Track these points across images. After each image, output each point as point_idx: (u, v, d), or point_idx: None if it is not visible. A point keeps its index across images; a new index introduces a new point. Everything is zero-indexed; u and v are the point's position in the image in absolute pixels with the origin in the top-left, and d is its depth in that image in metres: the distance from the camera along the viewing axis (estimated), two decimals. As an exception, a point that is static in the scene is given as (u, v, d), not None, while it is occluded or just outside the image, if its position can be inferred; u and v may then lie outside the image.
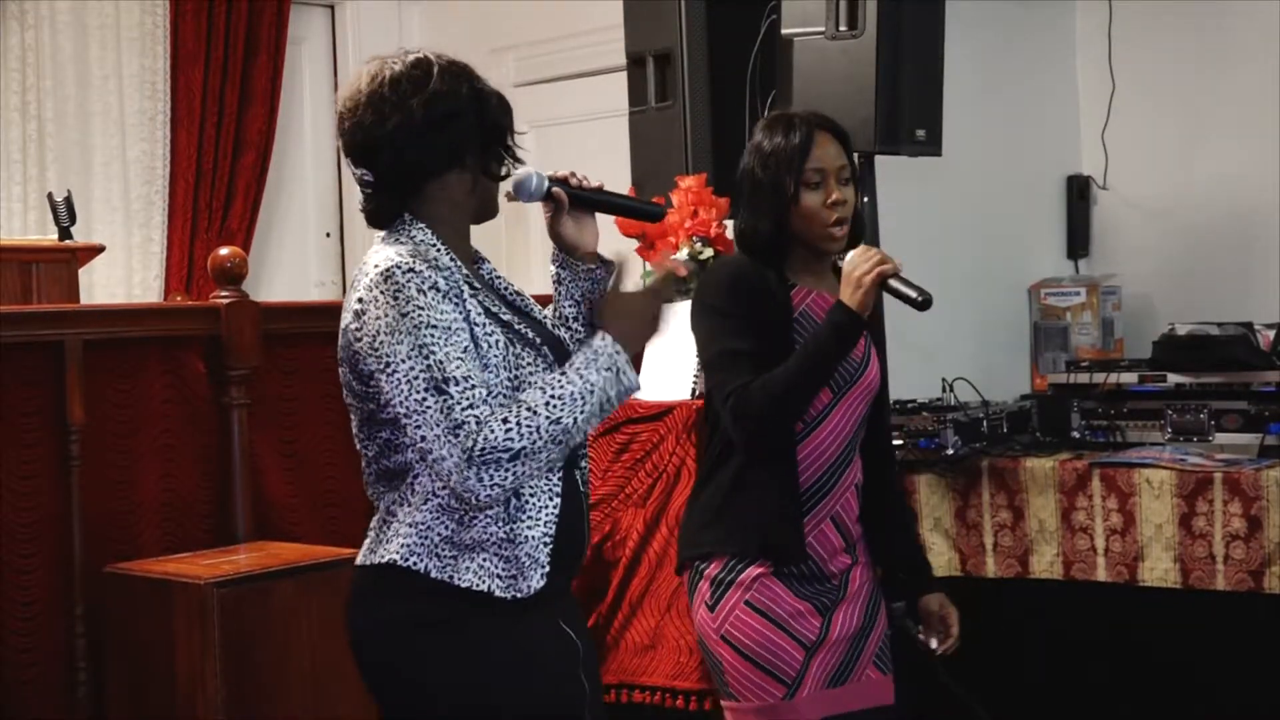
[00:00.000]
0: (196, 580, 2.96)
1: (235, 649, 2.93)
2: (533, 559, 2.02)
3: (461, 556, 2.03)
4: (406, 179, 2.10)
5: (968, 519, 4.12)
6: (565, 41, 5.86)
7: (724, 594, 2.58)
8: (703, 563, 2.62)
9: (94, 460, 3.25)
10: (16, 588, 3.13)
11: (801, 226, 2.63)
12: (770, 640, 2.57)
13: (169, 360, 3.42)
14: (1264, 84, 4.74)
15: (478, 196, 2.15)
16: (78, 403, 3.20)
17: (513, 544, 2.02)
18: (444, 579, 2.03)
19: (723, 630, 2.58)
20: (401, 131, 2.07)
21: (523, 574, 2.02)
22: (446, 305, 1.98)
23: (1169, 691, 3.86)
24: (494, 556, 2.02)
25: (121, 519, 3.32)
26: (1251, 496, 3.66)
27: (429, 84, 2.07)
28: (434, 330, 1.96)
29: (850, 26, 3.54)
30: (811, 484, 2.63)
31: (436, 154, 2.09)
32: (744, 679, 2.57)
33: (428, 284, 1.98)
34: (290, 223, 6.36)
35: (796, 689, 2.56)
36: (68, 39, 5.58)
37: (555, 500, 2.05)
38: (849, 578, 2.68)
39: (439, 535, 2.04)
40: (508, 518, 2.02)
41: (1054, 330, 4.93)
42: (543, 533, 2.04)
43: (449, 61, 2.11)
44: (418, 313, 1.96)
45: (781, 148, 2.63)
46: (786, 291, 2.64)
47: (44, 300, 4.21)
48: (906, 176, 4.02)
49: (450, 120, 2.08)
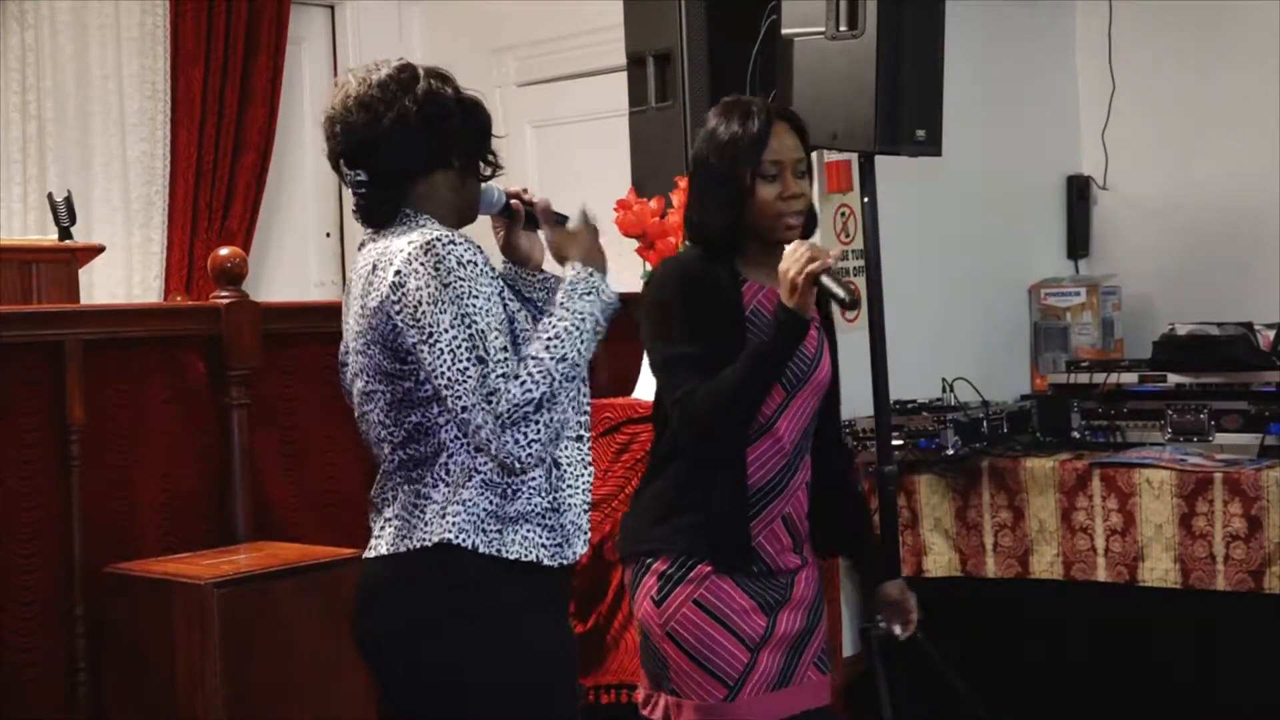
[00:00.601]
0: (196, 580, 2.96)
1: (235, 649, 2.93)
2: (576, 525, 2.13)
3: (506, 530, 2.08)
4: (400, 176, 2.16)
5: (968, 519, 4.13)
6: (565, 41, 5.86)
7: (672, 590, 2.54)
8: (649, 558, 2.57)
9: (94, 460, 3.24)
10: (16, 588, 3.13)
11: (756, 219, 2.56)
12: (715, 640, 2.53)
13: (169, 360, 3.42)
14: (1264, 84, 4.74)
15: (463, 197, 2.22)
16: (78, 403, 3.19)
17: (557, 513, 2.11)
18: (492, 553, 2.07)
19: (668, 627, 2.54)
20: (397, 128, 2.13)
21: (568, 541, 2.12)
22: (485, 278, 2.05)
23: (1169, 691, 3.86)
24: (538, 527, 2.10)
25: (121, 519, 3.32)
26: (1252, 497, 3.66)
27: (418, 85, 2.15)
28: (476, 300, 2.02)
29: (850, 26, 3.54)
30: (765, 483, 2.58)
31: (428, 152, 2.16)
32: (687, 677, 2.54)
33: (467, 256, 2.05)
34: (290, 223, 6.35)
35: (738, 690, 2.53)
36: (68, 39, 5.57)
37: (589, 469, 2.16)
38: (795, 580, 2.64)
39: (484, 510, 2.08)
40: (550, 487, 2.11)
41: (1054, 330, 4.93)
42: (583, 500, 2.15)
43: (431, 67, 2.21)
44: (459, 283, 2.02)
45: (738, 136, 2.55)
46: (737, 288, 2.57)
47: (44, 300, 4.21)
48: (906, 176, 4.02)
49: (441, 119, 2.15)
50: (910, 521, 4.19)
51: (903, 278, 4.19)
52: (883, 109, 3.50)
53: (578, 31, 5.73)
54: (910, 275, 4.38)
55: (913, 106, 3.56)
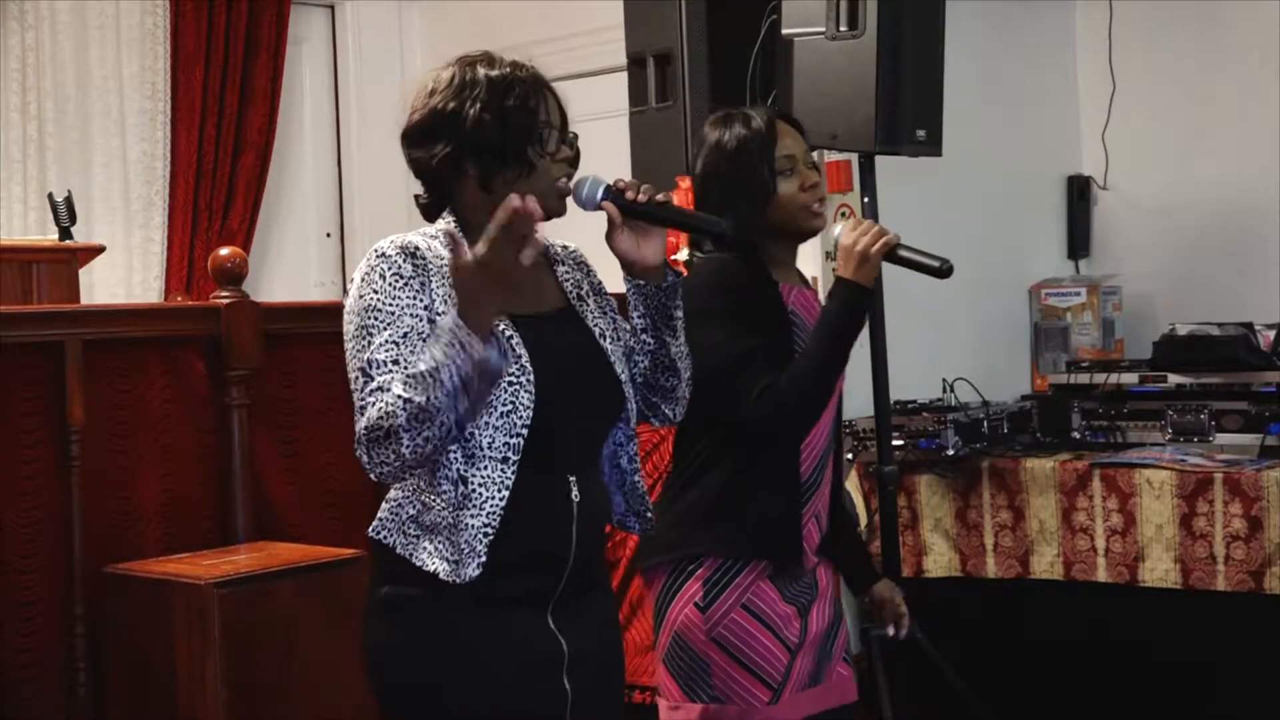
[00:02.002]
0: (196, 580, 2.96)
1: (235, 649, 2.93)
2: (470, 548, 2.02)
3: (422, 537, 2.07)
4: (419, 177, 2.19)
5: (968, 519, 4.13)
6: (565, 41, 5.85)
7: (719, 595, 2.55)
8: (691, 564, 2.57)
9: (94, 460, 3.24)
10: (16, 588, 3.12)
11: (780, 216, 2.59)
12: (760, 643, 2.55)
13: (169, 360, 3.42)
14: (1264, 84, 4.74)
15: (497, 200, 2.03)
16: (78, 403, 3.19)
17: (456, 530, 2.03)
18: (406, 555, 2.07)
19: (715, 631, 2.54)
20: (405, 136, 2.17)
21: (462, 561, 2.02)
22: (403, 292, 2.03)
23: (1169, 691, 3.86)
24: (445, 540, 2.05)
25: (121, 519, 3.31)
26: (1252, 497, 3.66)
27: (433, 96, 2.14)
28: (378, 313, 2.02)
29: (850, 26, 3.54)
30: (808, 477, 2.62)
31: (427, 160, 2.14)
32: (732, 681, 2.54)
33: (390, 270, 2.04)
34: (290, 223, 6.36)
35: (781, 692, 2.55)
36: (68, 39, 5.58)
37: (503, 494, 2.03)
38: (817, 575, 2.68)
39: (407, 514, 2.09)
40: (455, 504, 2.04)
41: (1054, 330, 4.93)
42: (483, 523, 2.03)
43: (468, 77, 2.14)
44: (371, 295, 2.03)
45: (747, 139, 2.58)
46: (775, 288, 2.61)
47: (44, 300, 4.21)
48: (906, 176, 4.02)
49: (435, 131, 2.13)
50: (910, 521, 4.19)
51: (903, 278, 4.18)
52: (883, 109, 3.50)
53: (578, 31, 5.73)
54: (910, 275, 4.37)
55: (913, 106, 3.56)
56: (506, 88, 2.13)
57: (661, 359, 2.25)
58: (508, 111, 2.12)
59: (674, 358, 2.25)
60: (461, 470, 2.03)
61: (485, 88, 2.13)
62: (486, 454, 2.03)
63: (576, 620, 2.15)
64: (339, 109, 6.57)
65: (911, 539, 4.18)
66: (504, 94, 2.13)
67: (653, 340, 2.23)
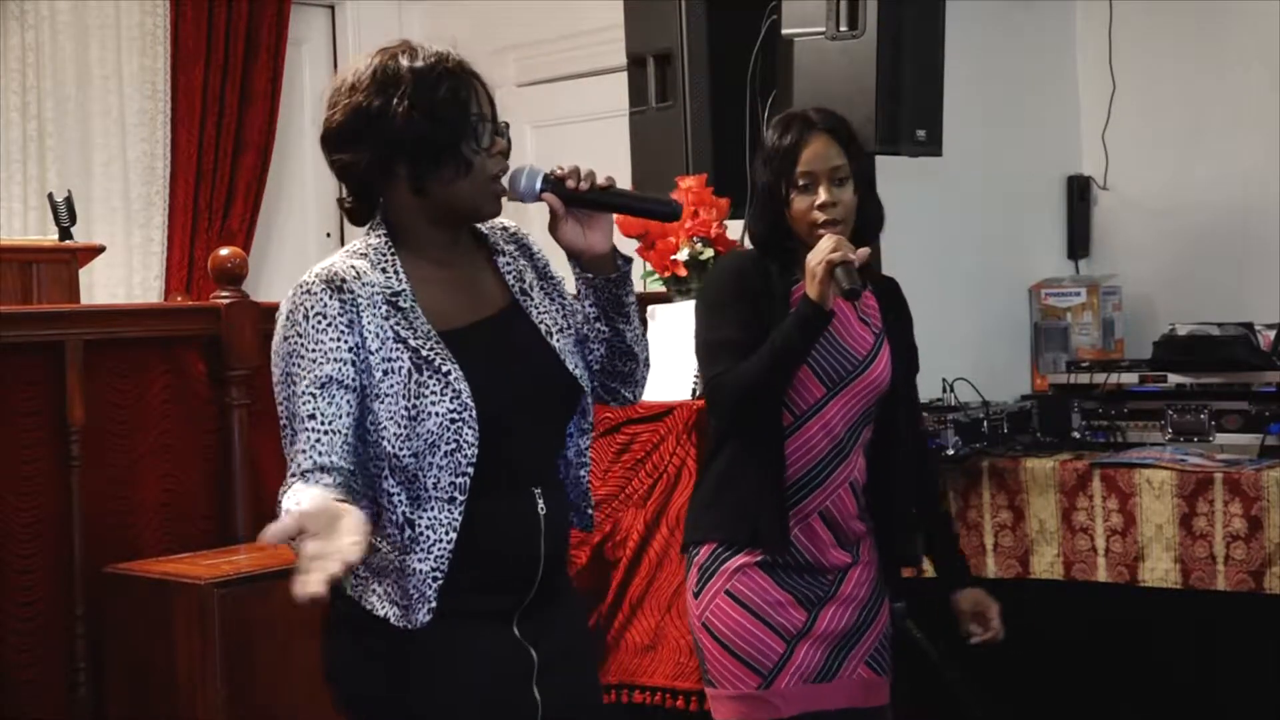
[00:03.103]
0: (196, 580, 2.96)
1: (235, 649, 2.93)
2: (419, 593, 1.93)
3: (371, 579, 1.98)
4: (343, 182, 2.05)
5: (968, 519, 4.12)
6: (565, 41, 5.86)
7: (707, 582, 2.63)
8: (695, 549, 2.67)
9: (94, 460, 3.24)
10: (16, 588, 3.13)
11: (794, 227, 2.68)
12: (748, 630, 2.60)
13: (169, 360, 3.42)
14: (1264, 84, 4.74)
15: (430, 204, 2.00)
16: (78, 403, 3.19)
17: (403, 575, 1.94)
18: (355, 598, 1.99)
19: (704, 618, 2.63)
20: (325, 139, 2.02)
21: (411, 606, 1.94)
22: (327, 334, 1.91)
23: (1169, 691, 3.86)
24: (394, 585, 1.96)
25: (121, 519, 3.32)
26: (1252, 497, 3.66)
27: (354, 94, 1.98)
28: (301, 361, 1.92)
29: (850, 26, 3.54)
30: (799, 477, 2.64)
31: (353, 164, 1.99)
32: (722, 667, 2.62)
33: (314, 310, 1.93)
34: (290, 223, 6.36)
35: (773, 679, 2.59)
36: (68, 39, 5.58)
37: (451, 535, 1.93)
38: (845, 577, 2.69)
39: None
40: (402, 548, 1.94)
41: (1054, 330, 4.93)
42: (432, 568, 1.93)
43: (390, 71, 1.97)
44: (296, 339, 1.93)
45: (777, 149, 2.67)
46: (788, 287, 2.66)
47: (44, 300, 4.21)
48: (906, 176, 4.02)
49: (359, 132, 1.97)
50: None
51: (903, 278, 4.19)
52: (883, 109, 3.50)
53: (578, 31, 5.74)
54: (910, 275, 4.37)
55: (913, 106, 3.56)
56: (433, 80, 1.96)
57: (617, 345, 2.14)
58: (436, 105, 1.95)
59: (630, 343, 2.15)
60: (407, 513, 1.94)
61: (411, 82, 1.95)
62: (432, 495, 1.93)
63: (543, 628, 2.07)
64: (339, 109, 6.56)
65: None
66: (432, 87, 1.96)
67: (606, 328, 2.12)
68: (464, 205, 2.02)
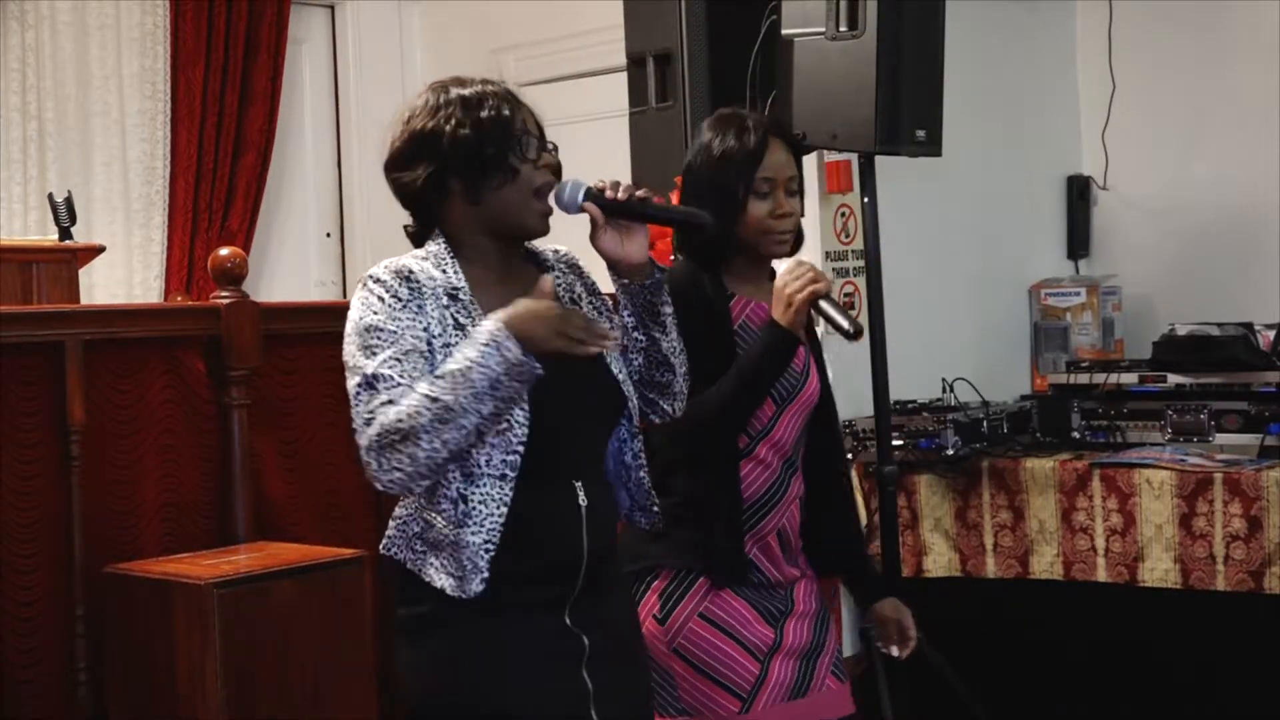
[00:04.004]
0: (196, 580, 2.96)
1: (235, 649, 2.93)
2: (473, 564, 2.07)
3: (429, 553, 2.12)
4: (405, 204, 2.25)
5: (968, 519, 4.13)
6: (565, 41, 5.86)
7: (676, 605, 2.53)
8: (650, 576, 2.56)
9: (94, 460, 3.24)
10: (16, 588, 3.12)
11: (745, 234, 2.57)
12: (724, 653, 2.52)
13: (169, 360, 3.42)
14: (1264, 84, 4.75)
15: (483, 214, 2.19)
16: (78, 403, 3.19)
17: (457, 548, 2.08)
18: (415, 571, 2.13)
19: (675, 643, 2.52)
20: (387, 165, 2.23)
21: (466, 577, 2.08)
22: (402, 313, 2.09)
23: (1169, 691, 3.86)
24: (449, 557, 2.10)
25: (121, 519, 3.31)
26: (1251, 497, 3.66)
27: (410, 122, 2.20)
28: (380, 333, 2.07)
29: (850, 26, 3.54)
30: (758, 497, 2.58)
31: (412, 183, 2.20)
32: (698, 692, 2.51)
33: (389, 292, 2.10)
34: (290, 223, 6.36)
35: (752, 702, 2.51)
36: (68, 39, 5.58)
37: (502, 510, 2.08)
38: (794, 593, 2.63)
39: (413, 531, 2.15)
40: (456, 522, 2.08)
41: (1054, 330, 4.93)
42: (484, 540, 2.08)
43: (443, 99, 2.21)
44: (371, 316, 2.09)
45: (734, 151, 2.56)
46: (726, 302, 2.58)
47: (44, 300, 4.21)
48: (906, 176, 4.02)
49: (417, 153, 2.19)
50: (910, 521, 4.19)
51: (903, 278, 4.20)
52: (883, 109, 3.50)
53: (578, 31, 5.74)
54: (910, 275, 4.39)
55: (913, 106, 3.56)
56: (479, 101, 2.21)
57: (654, 355, 2.27)
58: (483, 122, 2.18)
59: (666, 353, 2.27)
60: (461, 489, 2.08)
61: (459, 104, 2.19)
62: (484, 471, 2.08)
63: (594, 616, 2.18)
64: (339, 109, 6.57)
65: (911, 539, 4.18)
66: (477, 106, 2.19)
67: (643, 337, 2.26)
68: (512, 214, 2.19)
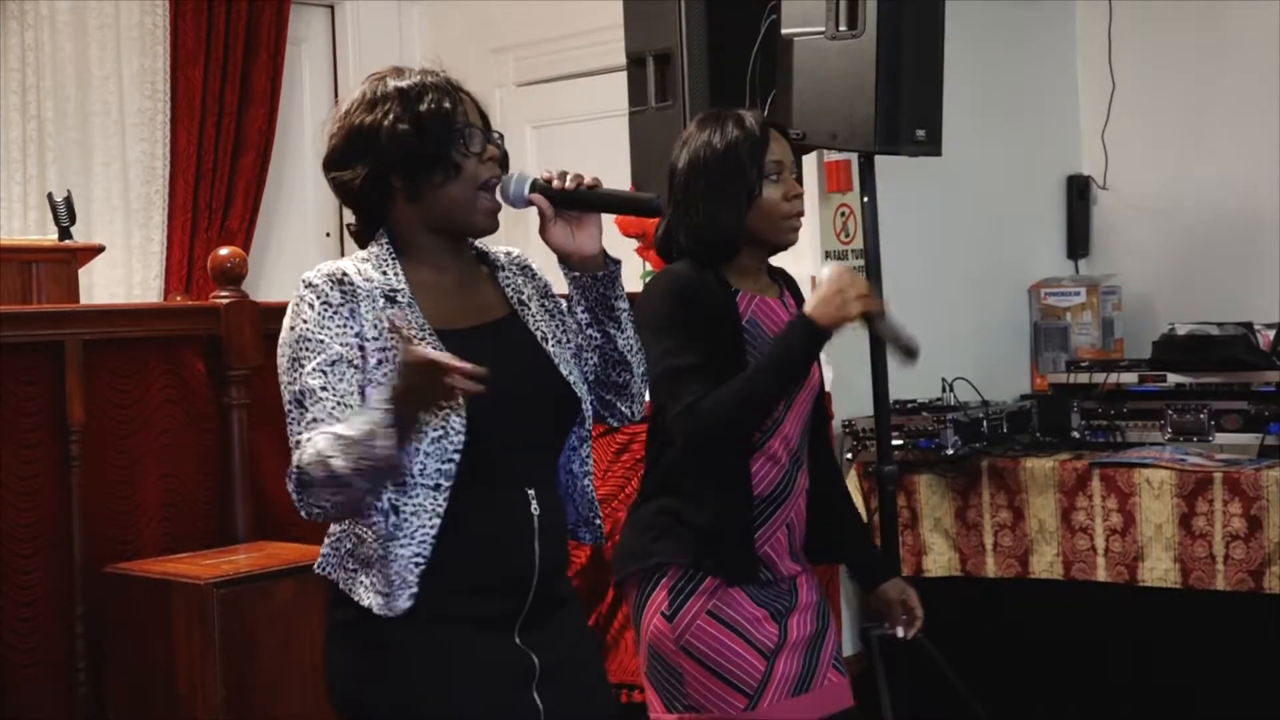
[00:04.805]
0: (196, 580, 2.96)
1: (235, 649, 2.93)
2: (401, 579, 1.98)
3: (359, 571, 2.03)
4: (347, 203, 2.15)
5: (968, 519, 4.13)
6: (565, 41, 5.86)
7: (684, 603, 2.52)
8: (657, 573, 2.54)
9: (94, 460, 3.24)
10: (16, 588, 3.12)
11: (760, 222, 2.55)
12: (731, 650, 2.51)
13: (169, 360, 3.42)
14: (1264, 84, 4.75)
15: (426, 211, 2.09)
16: (78, 403, 3.19)
17: (385, 562, 1.99)
18: (346, 591, 2.04)
19: (683, 640, 2.51)
20: (326, 163, 2.13)
21: (392, 594, 1.98)
22: (332, 321, 2.02)
23: (1169, 691, 3.86)
24: (378, 574, 2.00)
25: (121, 519, 3.31)
26: (1251, 496, 3.66)
27: (347, 117, 2.10)
28: (308, 343, 2.01)
29: (850, 26, 3.54)
30: (769, 492, 2.57)
31: (351, 180, 2.09)
32: (705, 689, 2.51)
33: (319, 298, 2.03)
34: (290, 223, 6.35)
35: (758, 699, 2.51)
36: (68, 39, 5.57)
37: (435, 521, 1.98)
38: (797, 586, 2.63)
39: (345, 548, 2.06)
40: (386, 535, 1.99)
41: (1054, 330, 4.93)
42: (414, 553, 1.98)
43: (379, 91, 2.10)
44: (301, 325, 2.03)
45: (740, 140, 2.54)
46: (731, 298, 2.55)
47: (44, 300, 4.21)
48: (906, 176, 4.02)
49: (355, 149, 2.09)
50: (910, 521, 4.19)
51: (903, 278, 4.19)
52: (883, 109, 3.50)
53: (578, 31, 5.73)
54: (910, 275, 4.38)
55: (913, 106, 3.56)
56: (418, 93, 2.08)
57: (610, 353, 2.18)
58: (422, 116, 2.06)
59: (622, 350, 2.18)
60: (393, 499, 1.99)
61: (396, 98, 2.08)
62: (418, 481, 1.99)
63: (546, 635, 2.09)
64: (339, 109, 6.56)
65: (911, 538, 4.18)
66: (417, 100, 2.07)
67: (598, 334, 2.17)
68: (457, 210, 2.10)
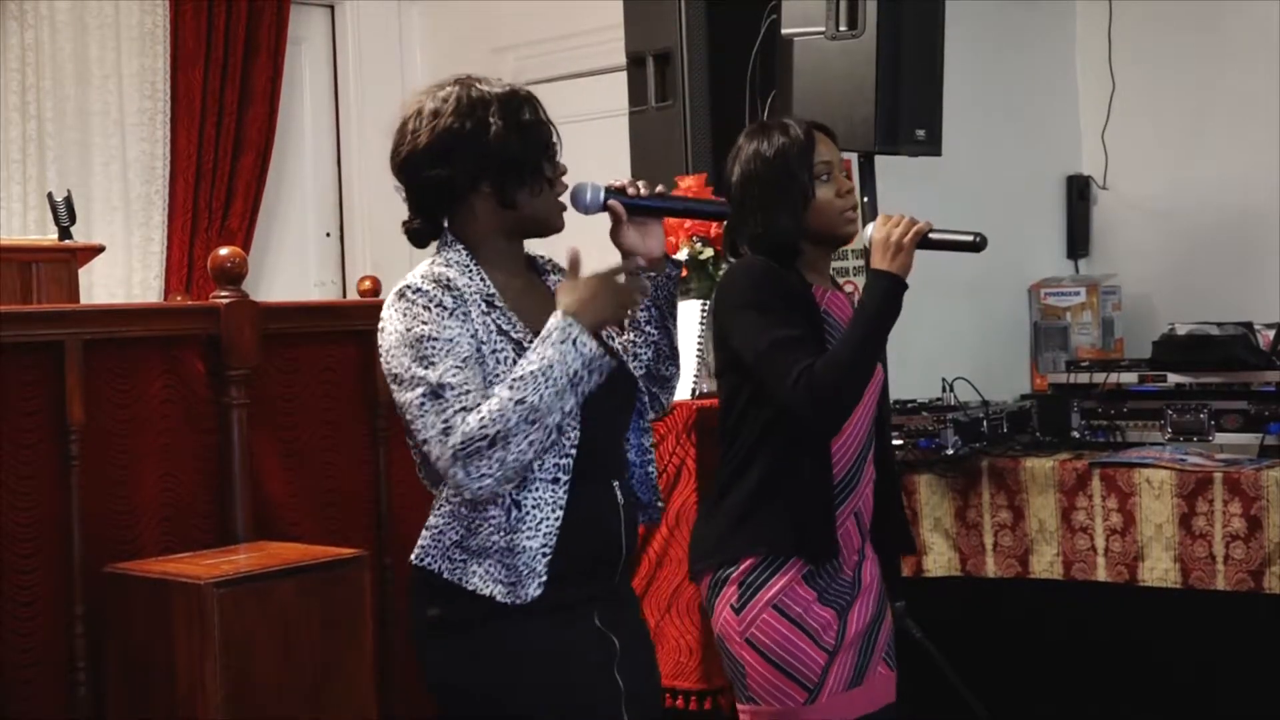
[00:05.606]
0: (196, 580, 2.96)
1: (235, 649, 2.93)
2: (530, 569, 2.08)
3: (470, 561, 2.12)
4: (422, 202, 2.22)
5: (968, 519, 4.12)
6: (565, 41, 5.86)
7: (752, 597, 2.58)
8: (729, 567, 2.60)
9: (94, 460, 3.24)
10: (16, 588, 3.12)
11: (816, 221, 2.66)
12: (794, 644, 2.57)
13: (169, 360, 3.42)
14: (1264, 84, 4.74)
15: (512, 217, 2.19)
16: (78, 403, 3.19)
17: (511, 554, 2.09)
18: (454, 580, 2.12)
19: (748, 633, 2.58)
20: (410, 160, 2.19)
21: (521, 582, 2.08)
22: (451, 321, 2.07)
23: (1169, 691, 3.86)
24: (498, 564, 2.09)
25: (121, 519, 3.31)
26: (1251, 496, 3.66)
27: (440, 118, 2.16)
28: (435, 342, 2.06)
29: (850, 26, 3.54)
30: (841, 478, 2.64)
31: (443, 181, 2.17)
32: (766, 683, 2.58)
33: (433, 302, 2.08)
34: (290, 223, 6.36)
35: (818, 694, 2.57)
36: (68, 39, 5.58)
37: (558, 513, 2.10)
38: (861, 572, 2.70)
39: (450, 539, 2.14)
40: (508, 528, 2.09)
41: (1054, 330, 4.93)
42: (541, 544, 2.09)
43: (475, 96, 2.17)
44: (421, 327, 2.07)
45: (787, 146, 2.65)
46: (808, 288, 2.65)
47: (44, 300, 4.21)
48: (906, 176, 4.02)
49: (451, 151, 2.15)
50: (910, 521, 4.19)
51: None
52: (883, 109, 3.50)
53: (578, 31, 5.74)
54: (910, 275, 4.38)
55: (913, 106, 3.56)
56: (517, 104, 2.19)
57: (664, 348, 2.31)
58: (526, 127, 2.18)
59: (675, 345, 2.33)
60: (513, 494, 2.09)
61: (498, 105, 2.17)
62: (537, 476, 2.09)
63: (618, 618, 2.23)
64: (339, 109, 6.57)
65: (911, 539, 4.19)
66: (517, 110, 2.18)
67: (657, 330, 2.30)
68: (542, 218, 2.22)
